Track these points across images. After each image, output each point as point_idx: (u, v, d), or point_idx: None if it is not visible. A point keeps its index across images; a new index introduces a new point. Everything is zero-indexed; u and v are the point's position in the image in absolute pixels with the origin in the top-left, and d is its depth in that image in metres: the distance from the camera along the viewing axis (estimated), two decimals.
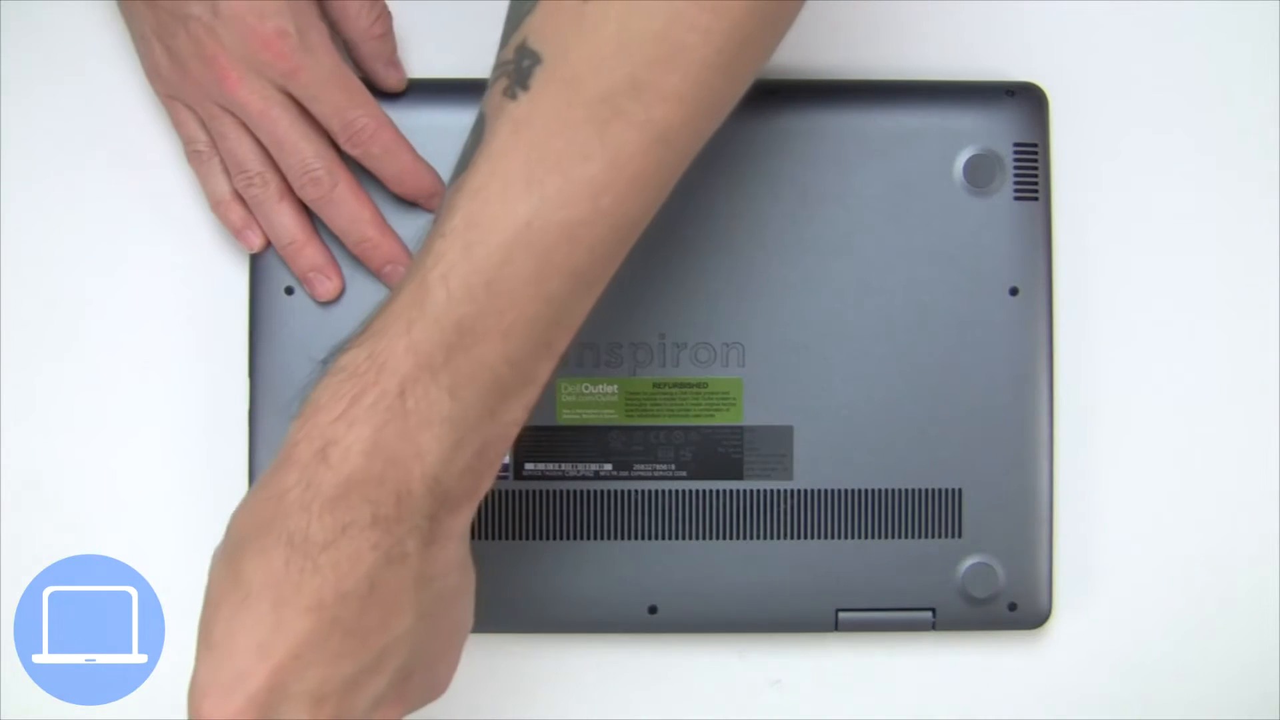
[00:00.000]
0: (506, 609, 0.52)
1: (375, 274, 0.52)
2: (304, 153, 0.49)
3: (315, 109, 0.49)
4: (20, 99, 0.54)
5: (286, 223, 0.51)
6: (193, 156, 0.52)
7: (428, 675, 0.43)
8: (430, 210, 0.52)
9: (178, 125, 0.52)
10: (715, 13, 0.38)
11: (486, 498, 0.52)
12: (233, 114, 0.49)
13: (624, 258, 0.40)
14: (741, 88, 0.41)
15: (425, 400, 0.39)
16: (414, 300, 0.39)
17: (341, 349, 0.40)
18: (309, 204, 0.51)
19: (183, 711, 0.54)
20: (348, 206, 0.50)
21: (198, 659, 0.39)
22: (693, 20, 0.38)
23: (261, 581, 0.38)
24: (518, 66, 0.39)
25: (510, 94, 0.39)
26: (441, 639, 0.43)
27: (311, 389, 0.40)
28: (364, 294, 0.52)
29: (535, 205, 0.38)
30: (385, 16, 0.51)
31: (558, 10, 0.39)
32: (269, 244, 0.52)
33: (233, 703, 0.38)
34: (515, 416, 0.40)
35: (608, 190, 0.38)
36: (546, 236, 0.38)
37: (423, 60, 0.54)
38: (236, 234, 0.52)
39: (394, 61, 0.52)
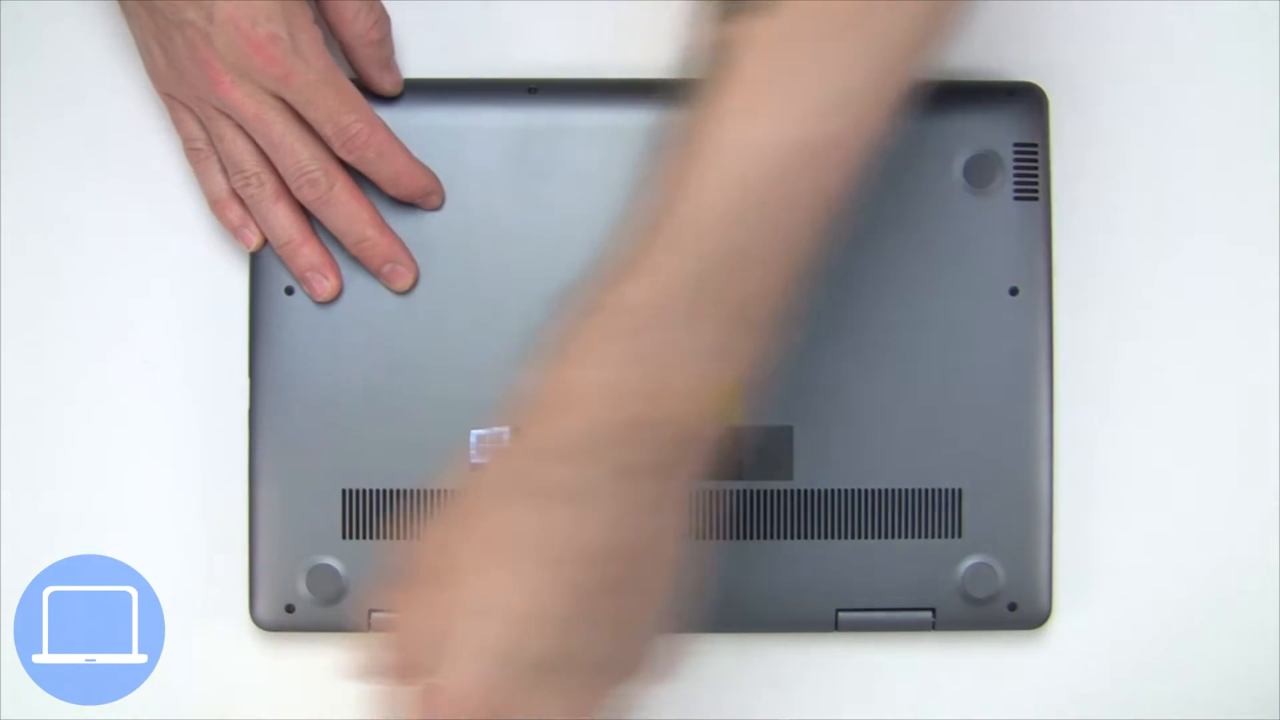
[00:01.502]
0: None
1: (374, 273, 0.52)
2: (299, 155, 0.49)
3: (308, 114, 0.49)
4: (20, 99, 0.54)
5: (283, 222, 0.51)
6: (191, 155, 0.52)
7: (656, 639, 0.41)
8: (428, 208, 0.52)
9: (176, 124, 0.52)
10: None
11: None
12: (229, 115, 0.49)
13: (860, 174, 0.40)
14: (956, 14, 0.41)
15: (680, 336, 0.38)
16: (676, 231, 0.38)
17: (600, 285, 0.39)
18: (306, 205, 0.51)
19: (182, 711, 0.55)
20: (345, 207, 0.50)
21: (447, 628, 0.38)
22: None
23: (518, 539, 0.38)
24: None
25: (755, 17, 0.39)
26: (660, 594, 0.41)
27: (569, 329, 0.39)
28: (364, 294, 0.52)
29: (794, 123, 0.38)
30: (383, 21, 0.51)
31: None
32: (267, 242, 0.52)
33: (480, 661, 0.37)
34: (769, 344, 0.40)
35: (860, 105, 0.39)
36: (804, 156, 0.38)
37: (422, 60, 0.54)
38: (234, 233, 0.52)
39: (390, 66, 0.51)
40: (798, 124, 0.38)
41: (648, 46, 0.54)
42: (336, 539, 0.52)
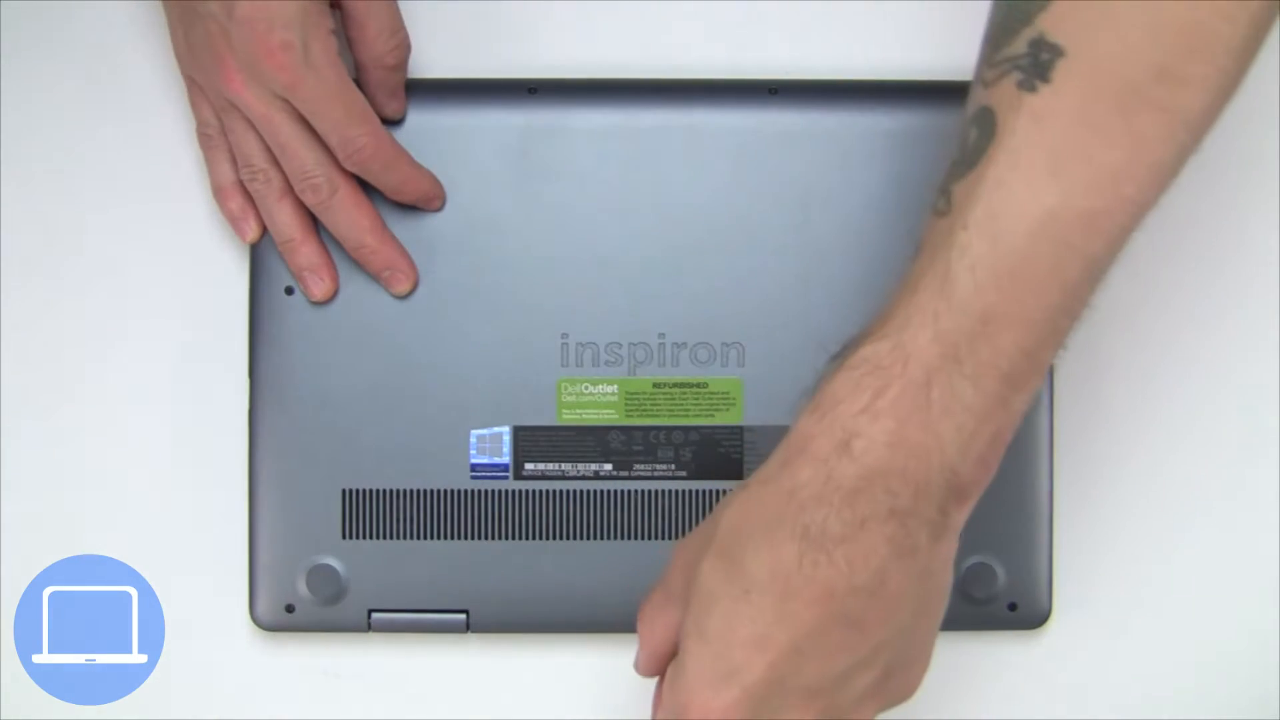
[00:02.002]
0: (507, 609, 0.52)
1: (375, 278, 0.52)
2: (304, 160, 0.49)
3: (314, 123, 0.48)
4: (21, 100, 0.54)
5: (286, 220, 0.51)
6: (202, 139, 0.52)
7: (905, 673, 0.43)
8: (430, 211, 0.52)
9: (193, 105, 0.52)
10: None
11: (486, 498, 0.52)
12: (240, 111, 0.49)
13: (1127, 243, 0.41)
14: (1248, 70, 0.41)
15: (949, 391, 0.39)
16: (939, 292, 0.39)
17: (858, 342, 0.40)
18: (309, 208, 0.51)
19: (182, 711, 0.55)
20: (346, 213, 0.50)
21: (688, 652, 0.41)
22: (1223, 8, 0.38)
23: (768, 575, 0.39)
24: (1034, 60, 0.39)
25: (1028, 86, 0.39)
26: (923, 635, 0.43)
27: (824, 382, 0.41)
28: (363, 295, 0.52)
29: (1060, 195, 0.38)
30: (402, 48, 0.50)
31: (1080, 3, 0.39)
32: (264, 235, 0.52)
33: (727, 695, 0.40)
34: (1023, 404, 0.40)
35: (1130, 178, 0.39)
36: (1069, 225, 0.39)
37: (423, 60, 0.54)
38: (232, 223, 0.52)
39: (398, 93, 0.51)
40: (1066, 195, 0.39)
41: (648, 46, 0.55)
42: (336, 539, 0.52)
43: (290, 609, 0.52)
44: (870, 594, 0.39)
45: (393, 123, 0.52)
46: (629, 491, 0.52)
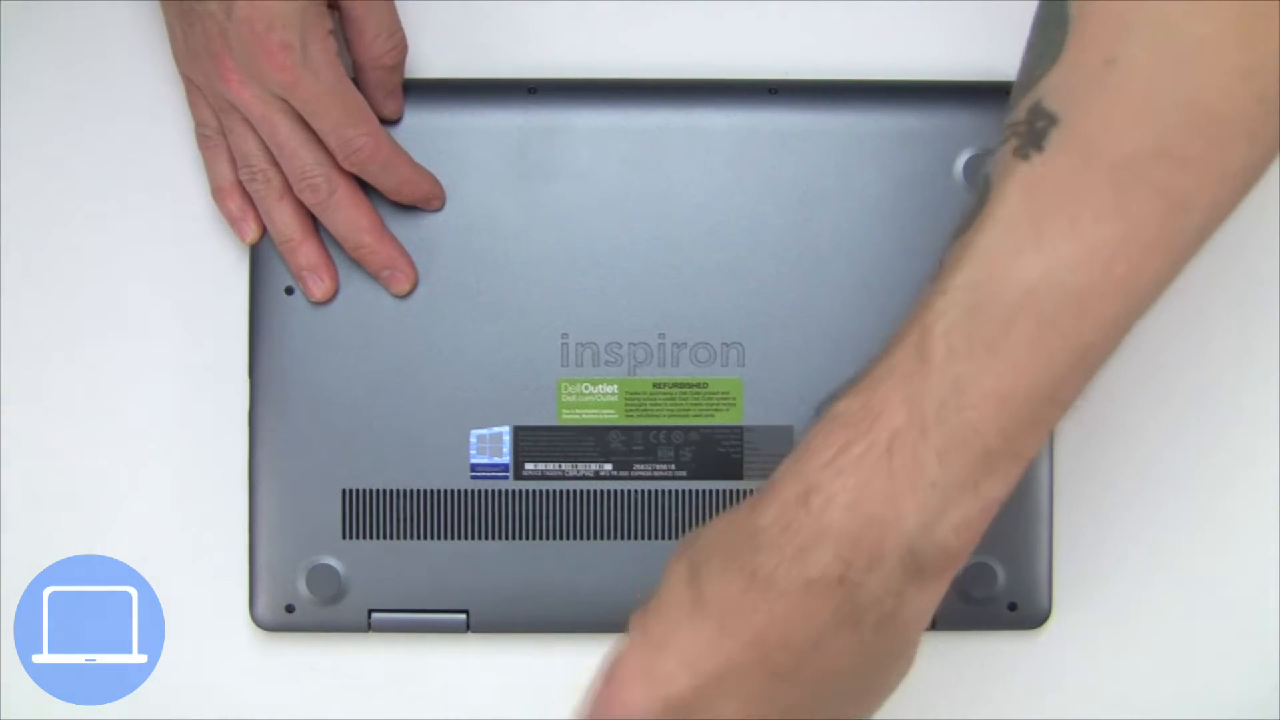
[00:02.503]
0: (507, 609, 0.52)
1: (374, 278, 0.52)
2: (303, 159, 0.49)
3: (313, 123, 0.49)
4: (21, 100, 0.54)
5: (286, 220, 0.51)
6: (201, 140, 0.52)
7: None
8: (430, 210, 0.52)
9: (191, 106, 0.52)
10: (1248, 78, 0.37)
11: (486, 498, 0.52)
12: (239, 111, 0.49)
13: (1126, 335, 0.39)
14: (1269, 157, 0.39)
15: (912, 460, 0.37)
16: (914, 353, 0.38)
17: (839, 394, 0.40)
18: (309, 208, 0.51)
19: (182, 711, 0.55)
20: (345, 213, 0.50)
21: (629, 642, 0.41)
22: (1226, 87, 0.36)
23: (716, 599, 0.39)
24: (1031, 128, 0.38)
25: (1022, 154, 0.38)
26: (865, 707, 0.42)
27: (805, 429, 0.40)
28: (363, 295, 0.52)
29: (1044, 268, 0.37)
30: (400, 49, 0.50)
31: (1079, 71, 0.38)
32: (263, 235, 0.52)
33: (651, 697, 0.39)
34: (997, 494, 0.39)
35: (1121, 257, 0.37)
36: (1054, 302, 0.37)
37: (422, 60, 0.54)
38: (232, 223, 0.52)
39: (395, 93, 0.51)
40: (1050, 269, 0.37)
41: (648, 46, 0.55)
42: (336, 539, 0.52)
43: (290, 609, 0.52)
44: (801, 654, 0.38)
45: (391, 123, 0.52)
46: (629, 491, 0.52)
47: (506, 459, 0.52)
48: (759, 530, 0.39)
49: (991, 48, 0.55)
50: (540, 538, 0.52)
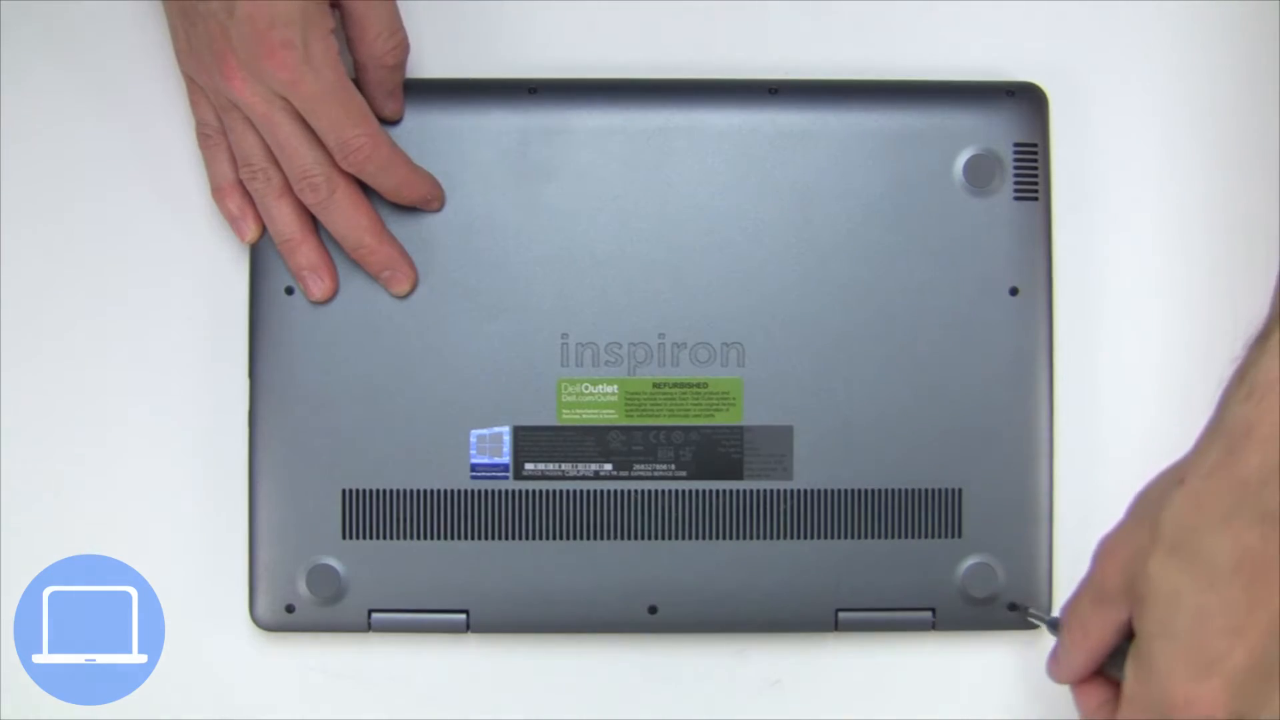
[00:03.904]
0: (507, 609, 0.52)
1: (374, 278, 0.52)
2: (303, 159, 0.49)
3: (313, 123, 0.48)
4: (21, 100, 0.54)
5: (285, 220, 0.51)
6: (202, 139, 0.52)
7: None
8: (430, 211, 0.52)
9: (193, 105, 0.52)
10: None
11: (486, 498, 0.52)
12: (241, 109, 0.49)
13: None
14: None
15: None
16: None
17: (1273, 326, 0.41)
18: (308, 207, 0.51)
19: (182, 711, 0.55)
20: (344, 213, 0.50)
21: (1157, 652, 0.41)
22: None
23: (1234, 563, 0.40)
24: None
25: None
26: None
27: (1249, 367, 0.41)
28: (363, 295, 0.52)
29: None
30: (401, 48, 0.50)
31: None
32: (262, 235, 0.52)
33: (1211, 684, 0.40)
34: None
35: None
36: None
37: (422, 60, 0.54)
38: (231, 223, 0.52)
39: (396, 94, 0.51)
40: None
41: (648, 46, 0.55)
42: (336, 539, 0.52)
43: (290, 609, 0.52)
44: None
45: (391, 123, 0.52)
46: (629, 491, 0.52)
47: (506, 459, 0.52)
48: (1249, 477, 0.40)
49: (991, 48, 0.55)
50: (540, 538, 0.52)
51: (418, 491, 0.52)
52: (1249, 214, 0.55)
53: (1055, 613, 0.53)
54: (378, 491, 0.52)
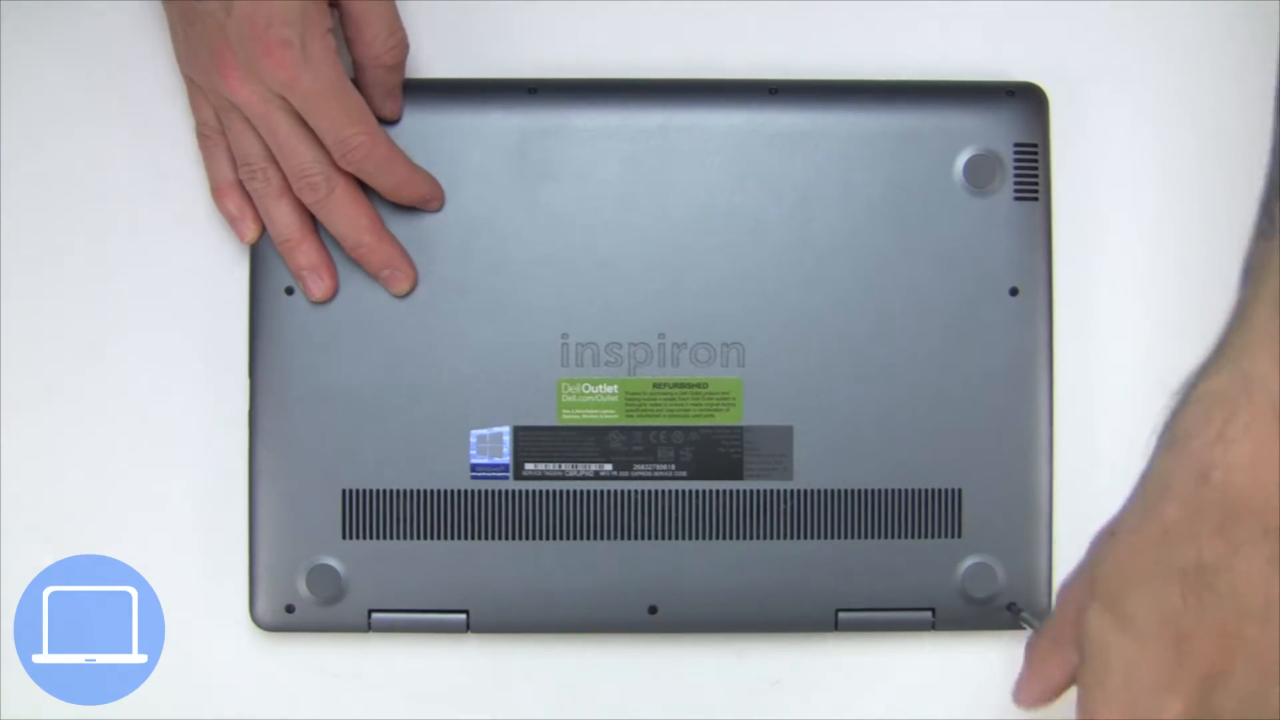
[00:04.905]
0: (506, 609, 0.52)
1: (374, 277, 0.52)
2: (302, 157, 0.49)
3: (311, 121, 0.48)
4: (21, 100, 0.54)
5: (285, 219, 0.51)
6: (201, 140, 0.52)
7: None
8: (430, 211, 0.52)
9: (192, 106, 0.52)
10: None
11: (486, 498, 0.52)
12: (239, 109, 0.49)
13: None
14: None
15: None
16: (1276, 312, 0.39)
17: (1197, 377, 0.41)
18: (307, 206, 0.51)
19: (182, 711, 0.55)
20: (343, 212, 0.50)
21: (1095, 701, 0.41)
22: None
23: (1159, 622, 0.40)
24: None
25: None
26: None
27: (1173, 420, 0.41)
28: (363, 295, 0.52)
29: None
30: (400, 48, 0.50)
31: None
32: (262, 235, 0.52)
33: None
34: None
35: None
36: None
37: (422, 60, 0.54)
38: (231, 222, 0.52)
39: (395, 93, 0.51)
40: None
41: (648, 46, 0.55)
42: (336, 539, 0.52)
43: (290, 609, 0.52)
44: (1262, 616, 0.39)
45: (390, 123, 0.52)
46: (629, 492, 0.52)
47: (506, 459, 0.52)
48: (1168, 532, 0.40)
49: (991, 48, 0.55)
50: (540, 538, 0.52)
51: (418, 491, 0.52)
52: (1248, 214, 0.55)
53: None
54: (378, 491, 0.52)
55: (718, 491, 0.52)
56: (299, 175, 0.50)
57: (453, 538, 0.52)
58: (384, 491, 0.52)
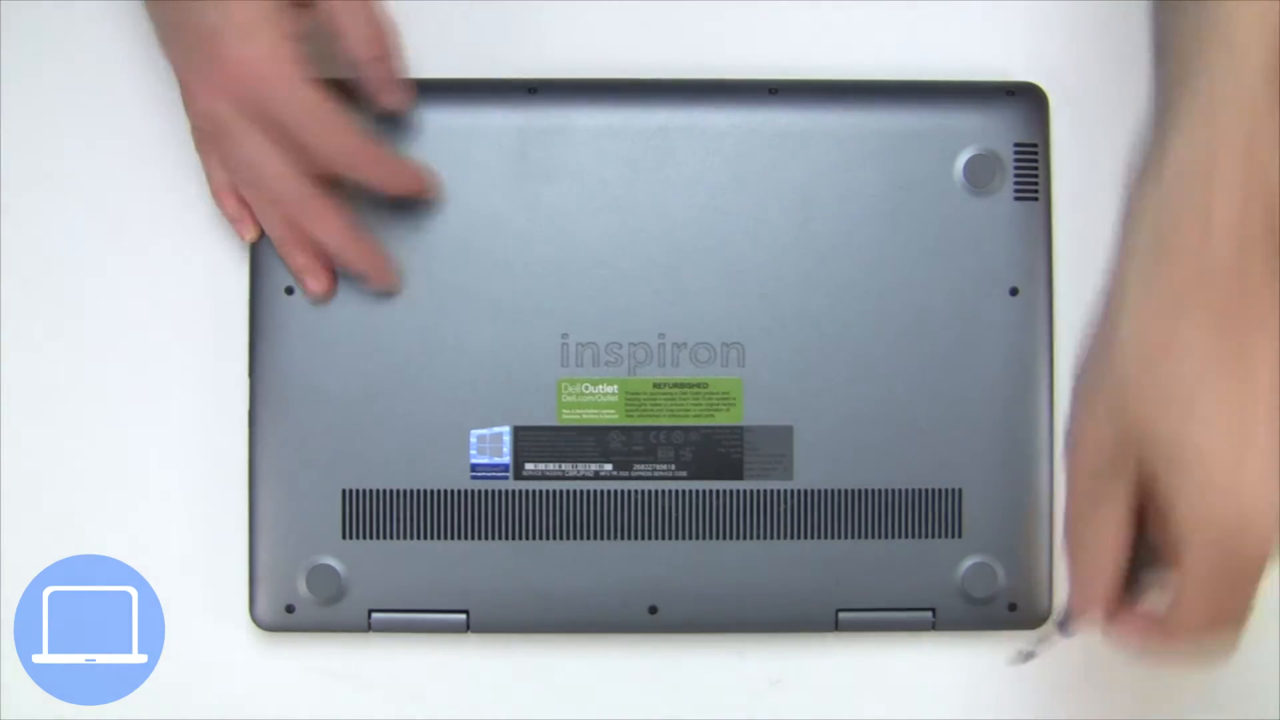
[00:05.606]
0: (506, 609, 0.52)
1: (358, 281, 0.51)
2: (272, 168, 0.48)
3: (281, 130, 0.48)
4: (20, 100, 0.54)
5: (277, 223, 0.51)
6: (197, 141, 0.52)
7: None
8: (429, 207, 0.52)
9: (187, 107, 0.51)
10: None
11: (486, 498, 0.52)
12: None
13: None
14: None
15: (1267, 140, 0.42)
16: (1224, 46, 0.43)
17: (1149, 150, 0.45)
18: (283, 217, 0.50)
19: (182, 711, 0.55)
20: (317, 223, 0.50)
21: (1187, 470, 0.42)
22: None
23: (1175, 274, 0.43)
24: None
25: None
26: None
27: (1134, 204, 0.45)
28: (363, 295, 0.52)
29: None
30: (379, 39, 0.49)
31: None
32: (262, 234, 0.52)
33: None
34: None
35: None
36: None
37: (422, 60, 0.54)
38: (232, 223, 0.52)
39: (391, 84, 0.50)
40: None
41: (648, 46, 0.55)
42: (336, 539, 0.52)
43: (290, 609, 0.52)
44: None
45: (395, 115, 0.51)
46: (629, 492, 0.52)
47: (506, 459, 0.52)
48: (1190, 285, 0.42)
49: (991, 48, 0.55)
50: (540, 538, 0.52)
51: (418, 491, 0.52)
52: None
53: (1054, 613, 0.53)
54: (378, 491, 0.52)
55: (718, 491, 0.52)
56: (267, 190, 0.49)
57: (453, 538, 0.52)
58: (384, 491, 0.52)
